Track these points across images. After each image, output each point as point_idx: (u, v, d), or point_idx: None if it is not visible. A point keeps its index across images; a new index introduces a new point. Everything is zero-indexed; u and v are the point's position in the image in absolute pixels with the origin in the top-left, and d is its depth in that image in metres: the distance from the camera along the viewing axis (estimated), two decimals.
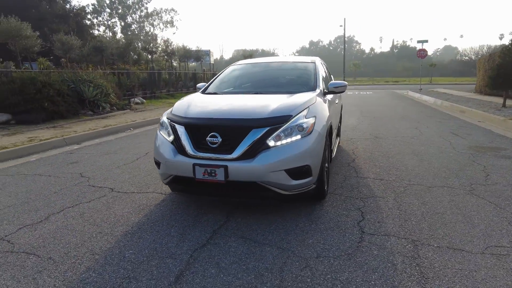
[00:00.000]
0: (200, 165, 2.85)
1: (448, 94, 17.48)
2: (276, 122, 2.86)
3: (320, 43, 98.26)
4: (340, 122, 6.09)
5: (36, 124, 9.08)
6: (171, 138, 3.09)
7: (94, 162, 5.41)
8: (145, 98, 15.50)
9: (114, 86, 13.16)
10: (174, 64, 26.40)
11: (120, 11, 69.05)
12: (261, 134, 2.80)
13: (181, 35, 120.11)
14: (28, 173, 4.92)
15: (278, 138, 2.82)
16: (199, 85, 4.49)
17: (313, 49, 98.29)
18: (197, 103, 3.42)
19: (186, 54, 24.64)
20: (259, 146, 2.78)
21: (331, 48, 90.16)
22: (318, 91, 3.71)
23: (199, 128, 2.98)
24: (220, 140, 2.86)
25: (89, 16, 61.91)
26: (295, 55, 52.67)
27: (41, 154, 6.33)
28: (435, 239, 2.64)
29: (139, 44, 22.01)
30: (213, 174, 2.81)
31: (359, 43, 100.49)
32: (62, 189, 4.09)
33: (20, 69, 13.34)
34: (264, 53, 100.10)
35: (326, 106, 3.53)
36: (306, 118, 2.98)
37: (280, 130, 2.83)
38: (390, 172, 4.44)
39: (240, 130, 2.85)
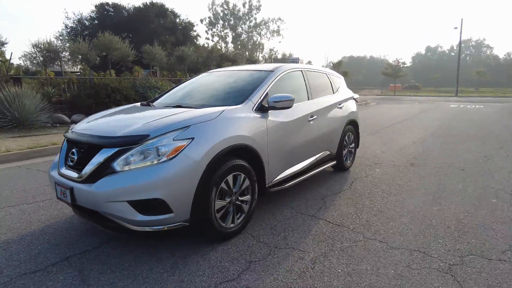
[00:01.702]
0: (57, 183, 2.59)
1: None
2: (128, 142, 2.36)
3: (439, 48, 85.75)
4: (349, 142, 4.98)
5: None
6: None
7: None
8: None
9: None
10: None
11: (232, 22, 74.70)
12: (109, 155, 2.35)
13: (287, 43, 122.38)
14: (41, 169, 5.47)
15: (126, 162, 2.32)
16: (160, 95, 4.27)
17: (430, 55, 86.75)
18: (98, 116, 3.17)
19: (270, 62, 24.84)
20: (105, 169, 2.34)
21: (452, 54, 77.71)
22: (241, 106, 2.98)
23: (68, 143, 2.73)
24: (76, 158, 2.54)
25: (205, 28, 68.95)
26: (399, 62, 47.03)
27: None
28: None
29: (220, 52, 23.02)
30: (64, 195, 2.51)
31: (491, 47, 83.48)
32: (27, 188, 4.32)
33: (117, 76, 15.54)
34: (373, 60, 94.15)
35: (235, 125, 2.75)
36: (174, 139, 2.39)
37: (130, 152, 2.33)
38: (364, 216, 3.32)
39: (91, 149, 2.48)
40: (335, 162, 4.59)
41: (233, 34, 75.59)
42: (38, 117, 9.09)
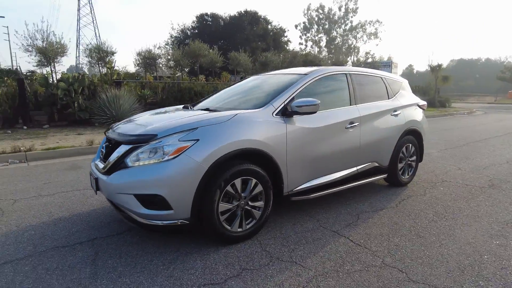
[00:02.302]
0: (90, 173, 2.96)
1: None
2: (140, 141, 2.57)
3: None
4: (408, 154, 4.40)
5: None
6: None
7: None
8: None
9: None
10: None
11: (326, 26, 73.40)
12: (124, 151, 2.59)
13: (386, 46, 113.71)
14: None
15: (137, 158, 2.52)
16: (204, 98, 4.47)
17: None
18: (137, 117, 3.49)
19: (360, 66, 23.63)
20: (120, 163, 2.59)
21: None
22: (260, 110, 2.92)
23: (106, 139, 3.09)
24: (105, 151, 2.87)
25: (299, 33, 69.29)
26: None
27: None
28: None
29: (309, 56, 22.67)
30: (92, 184, 2.85)
31: None
32: (78, 177, 5.00)
33: (206, 81, 16.89)
34: (489, 62, 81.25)
35: (246, 129, 2.71)
36: (179, 140, 2.49)
37: (140, 149, 2.52)
38: (395, 239, 2.89)
39: (116, 144, 2.77)
40: (385, 175, 4.13)
41: (327, 38, 74.16)
42: (132, 115, 10.48)
